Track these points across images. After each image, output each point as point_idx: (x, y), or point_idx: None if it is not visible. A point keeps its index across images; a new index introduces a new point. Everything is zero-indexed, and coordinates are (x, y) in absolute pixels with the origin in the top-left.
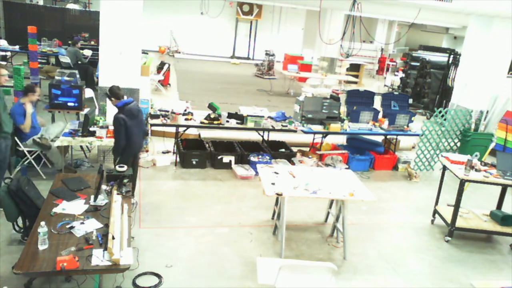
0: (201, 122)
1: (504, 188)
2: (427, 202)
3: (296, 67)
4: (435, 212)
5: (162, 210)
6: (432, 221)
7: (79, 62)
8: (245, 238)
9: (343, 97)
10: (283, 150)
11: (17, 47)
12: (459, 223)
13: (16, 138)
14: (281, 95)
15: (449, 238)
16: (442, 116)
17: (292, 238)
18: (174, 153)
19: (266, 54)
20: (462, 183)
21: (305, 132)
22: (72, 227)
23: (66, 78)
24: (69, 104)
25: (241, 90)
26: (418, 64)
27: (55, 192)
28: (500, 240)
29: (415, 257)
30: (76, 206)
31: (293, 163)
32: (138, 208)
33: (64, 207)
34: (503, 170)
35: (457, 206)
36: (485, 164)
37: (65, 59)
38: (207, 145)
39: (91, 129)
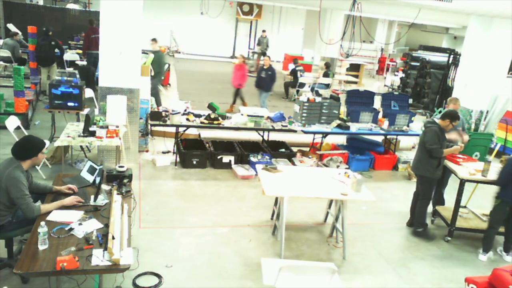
0: (201, 122)
1: None
2: None
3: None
4: (435, 212)
5: (162, 210)
6: (432, 221)
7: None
8: (245, 238)
9: (343, 97)
10: (283, 150)
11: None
12: (459, 223)
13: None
14: (282, 95)
15: (449, 238)
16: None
17: (292, 238)
18: (174, 153)
19: (253, 53)
20: (462, 183)
21: (305, 132)
22: (71, 229)
23: (66, 78)
24: (69, 104)
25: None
26: (418, 64)
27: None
28: (500, 240)
29: (415, 257)
30: (71, 214)
31: (293, 163)
32: (138, 208)
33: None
34: None
35: (457, 206)
36: None
37: (5, 53)
38: (207, 145)
39: (91, 129)
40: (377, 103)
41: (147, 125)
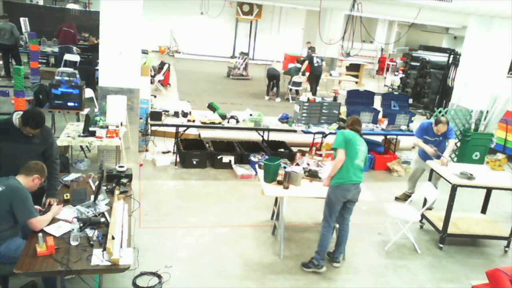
0: (202, 122)
1: (489, 191)
2: None
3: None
4: (423, 217)
5: (162, 210)
6: (421, 227)
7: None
8: (245, 238)
9: (343, 97)
10: (282, 150)
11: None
12: (450, 229)
13: None
14: (281, 96)
15: (442, 246)
16: (442, 116)
17: (292, 238)
18: (174, 153)
19: (241, 53)
20: (454, 188)
21: (305, 132)
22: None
23: (66, 78)
24: (69, 104)
25: (241, 90)
26: (418, 64)
27: None
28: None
29: (415, 257)
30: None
31: (298, 164)
32: (138, 208)
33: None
34: None
35: (448, 212)
36: None
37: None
38: (207, 145)
39: (91, 129)
40: (377, 103)
41: (147, 125)
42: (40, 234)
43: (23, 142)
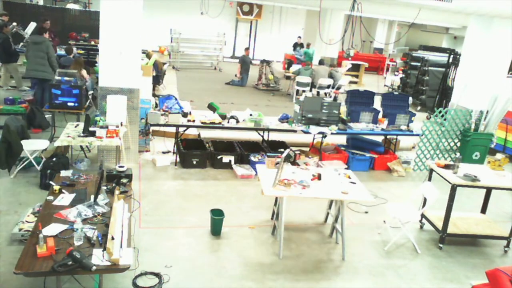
0: (202, 122)
1: (489, 191)
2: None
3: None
4: (423, 216)
5: (162, 210)
6: (421, 226)
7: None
8: (245, 238)
9: (343, 97)
10: (282, 150)
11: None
12: (450, 228)
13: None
14: (282, 95)
15: (441, 246)
16: (442, 116)
17: (292, 238)
18: (174, 153)
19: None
20: (454, 188)
21: (305, 132)
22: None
23: (66, 78)
24: (69, 104)
25: (241, 90)
26: (418, 64)
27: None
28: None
29: (415, 257)
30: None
31: (298, 165)
32: (138, 208)
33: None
34: None
35: (448, 212)
36: None
37: None
38: (207, 145)
39: (91, 129)
40: (377, 103)
41: (147, 124)
42: (41, 235)
43: None
